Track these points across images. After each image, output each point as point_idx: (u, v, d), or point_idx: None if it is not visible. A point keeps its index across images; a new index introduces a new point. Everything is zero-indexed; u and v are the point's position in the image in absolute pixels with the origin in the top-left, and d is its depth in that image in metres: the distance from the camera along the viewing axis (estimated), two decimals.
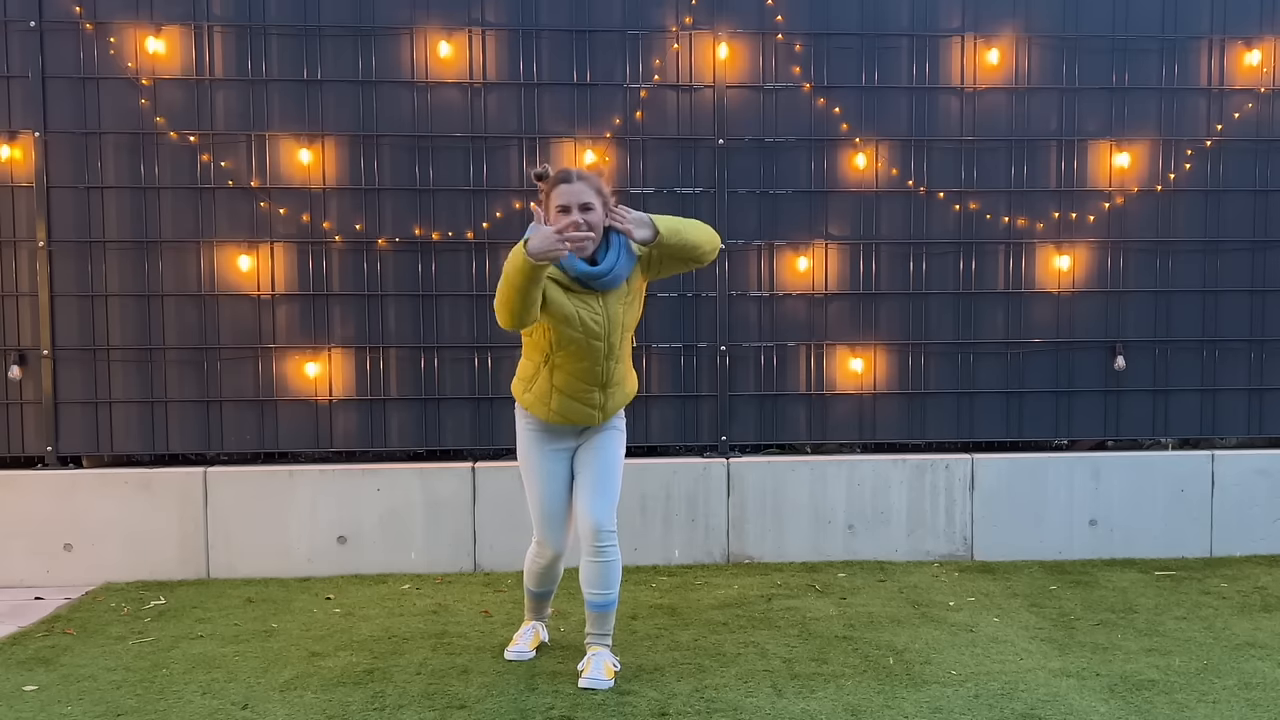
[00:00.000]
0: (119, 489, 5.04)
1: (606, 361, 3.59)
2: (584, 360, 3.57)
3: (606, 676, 3.66)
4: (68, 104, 5.04)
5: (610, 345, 3.58)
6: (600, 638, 3.77)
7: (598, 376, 3.61)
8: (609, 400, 3.68)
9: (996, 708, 3.47)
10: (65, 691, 3.67)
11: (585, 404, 3.63)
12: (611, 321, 3.56)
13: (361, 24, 5.11)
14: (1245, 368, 5.45)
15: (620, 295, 3.58)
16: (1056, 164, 5.36)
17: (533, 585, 3.95)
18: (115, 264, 5.10)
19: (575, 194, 3.46)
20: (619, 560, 3.71)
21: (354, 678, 3.76)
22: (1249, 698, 3.55)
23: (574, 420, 3.67)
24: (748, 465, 5.24)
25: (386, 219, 5.17)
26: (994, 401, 5.39)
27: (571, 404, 3.63)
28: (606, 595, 3.70)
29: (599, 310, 3.53)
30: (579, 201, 3.46)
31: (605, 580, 3.68)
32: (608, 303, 3.55)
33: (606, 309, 3.54)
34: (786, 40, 5.24)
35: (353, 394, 5.19)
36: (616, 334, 3.59)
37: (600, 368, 3.59)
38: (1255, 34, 5.36)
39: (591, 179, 3.52)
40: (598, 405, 3.65)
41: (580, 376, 3.60)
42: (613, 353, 3.60)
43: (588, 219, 3.45)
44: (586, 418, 3.66)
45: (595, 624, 3.77)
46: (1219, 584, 4.87)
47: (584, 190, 3.47)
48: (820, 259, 5.32)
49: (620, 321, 3.59)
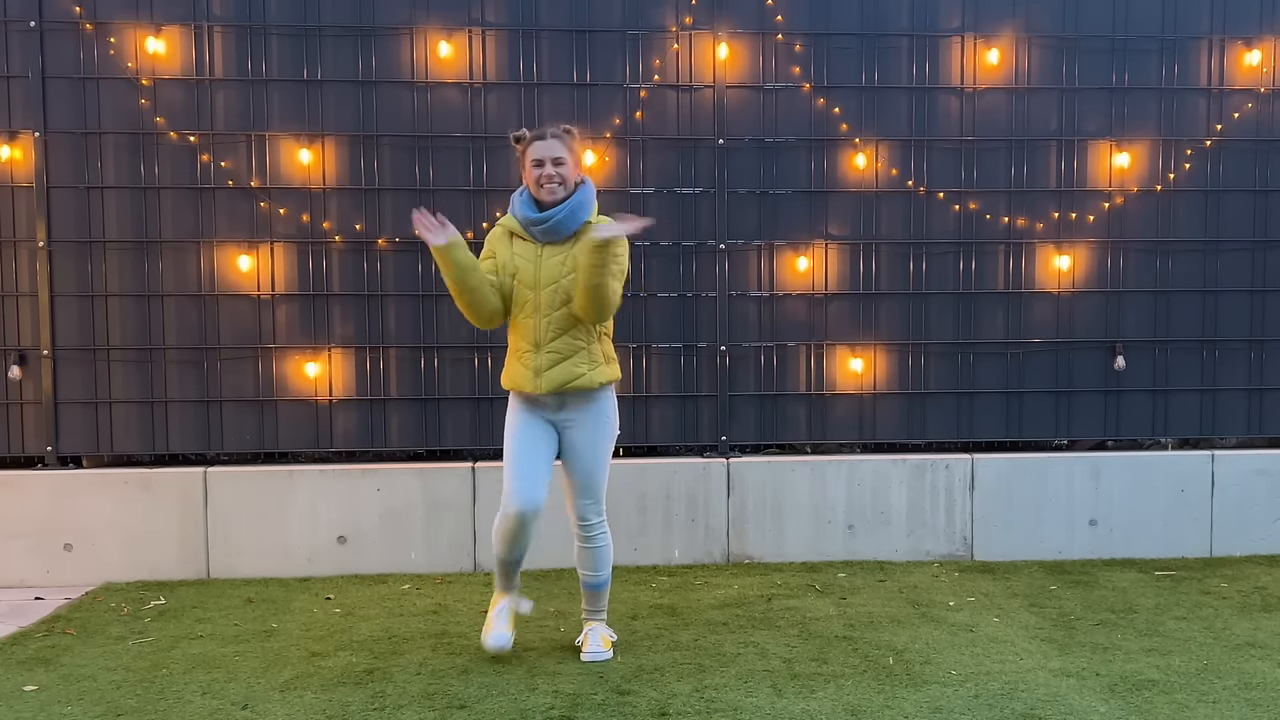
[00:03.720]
0: (119, 489, 5.04)
1: (536, 315, 3.73)
2: (519, 313, 3.78)
3: (604, 648, 3.94)
4: (68, 104, 5.05)
5: (539, 300, 3.72)
6: (595, 613, 4.03)
7: (529, 331, 3.75)
8: (544, 365, 3.74)
9: (996, 708, 3.47)
10: (65, 691, 3.67)
11: (522, 364, 3.79)
12: (542, 274, 3.72)
13: (361, 24, 5.11)
14: (1245, 368, 5.45)
15: (558, 254, 3.74)
16: (1056, 164, 5.36)
17: (501, 550, 3.88)
18: (115, 264, 5.10)
19: (548, 149, 3.73)
20: (608, 544, 3.95)
21: (354, 678, 3.76)
22: (1249, 698, 3.55)
23: (515, 382, 3.81)
24: (748, 465, 5.24)
25: (386, 219, 5.17)
26: (994, 401, 5.39)
27: (514, 364, 3.82)
28: (598, 576, 3.95)
29: (532, 260, 3.76)
30: (551, 155, 3.72)
31: (596, 563, 3.93)
32: (543, 255, 3.75)
33: (540, 261, 3.75)
34: (786, 40, 5.24)
35: (353, 394, 5.19)
36: (546, 290, 3.72)
37: (530, 321, 3.74)
38: (1255, 34, 5.36)
39: (565, 138, 3.76)
40: (531, 366, 3.76)
41: (519, 333, 3.80)
42: (540, 308, 3.73)
43: (559, 171, 3.71)
44: (524, 380, 3.78)
45: (590, 601, 4.03)
46: (1219, 584, 4.87)
47: (556, 145, 3.73)
48: (820, 259, 5.32)
49: (553, 279, 3.72)
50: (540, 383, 3.75)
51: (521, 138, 3.81)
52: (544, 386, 3.75)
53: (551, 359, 3.75)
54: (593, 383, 3.77)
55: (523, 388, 3.79)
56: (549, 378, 3.75)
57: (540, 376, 3.75)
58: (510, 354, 3.84)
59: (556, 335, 3.74)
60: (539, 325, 3.74)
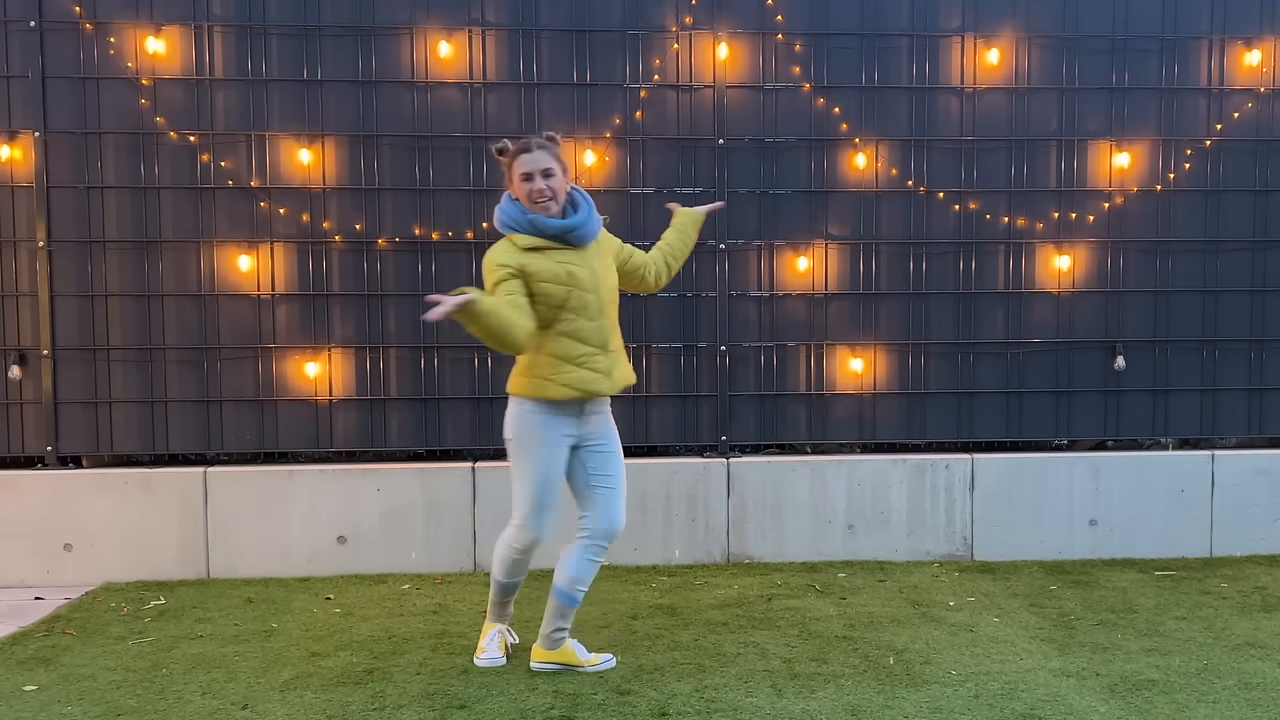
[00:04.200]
0: (119, 489, 5.04)
1: (600, 317, 3.67)
2: (580, 318, 3.64)
3: None
4: (68, 104, 5.04)
5: (601, 301, 3.67)
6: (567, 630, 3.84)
7: (595, 334, 3.66)
8: (615, 366, 3.72)
9: (996, 707, 3.47)
10: (65, 691, 3.67)
11: (591, 369, 3.66)
12: (597, 275, 3.67)
13: (361, 24, 5.11)
14: (1245, 368, 5.45)
15: (598, 253, 3.71)
16: (1056, 164, 5.36)
17: (502, 575, 3.86)
18: (115, 264, 5.10)
19: (536, 161, 3.63)
20: None
21: (354, 678, 3.76)
22: (1249, 698, 3.55)
23: (585, 388, 3.65)
24: (748, 465, 5.24)
25: (386, 219, 5.17)
26: (994, 401, 5.39)
27: (578, 372, 3.65)
28: (583, 592, 3.78)
29: (582, 264, 3.65)
30: (540, 168, 3.62)
31: (589, 578, 3.78)
32: (588, 258, 3.68)
33: (589, 263, 3.67)
34: (786, 40, 5.24)
35: (353, 394, 5.19)
36: (604, 291, 3.69)
37: (595, 324, 3.66)
38: (1255, 34, 5.36)
39: (550, 147, 3.67)
40: (604, 370, 3.69)
41: (580, 338, 3.65)
42: (604, 310, 3.68)
43: (549, 184, 3.62)
44: (598, 384, 3.67)
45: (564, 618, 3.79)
46: (1219, 584, 4.87)
47: (544, 157, 3.63)
48: (820, 259, 5.32)
49: (604, 280, 3.69)
50: (612, 383, 3.72)
51: (505, 150, 3.69)
52: (615, 387, 3.73)
53: (614, 359, 3.73)
54: (629, 379, 3.81)
55: (597, 391, 3.67)
56: (617, 378, 3.73)
57: (610, 377, 3.71)
58: (561, 361, 3.63)
59: (614, 335, 3.75)
60: (603, 327, 3.69)
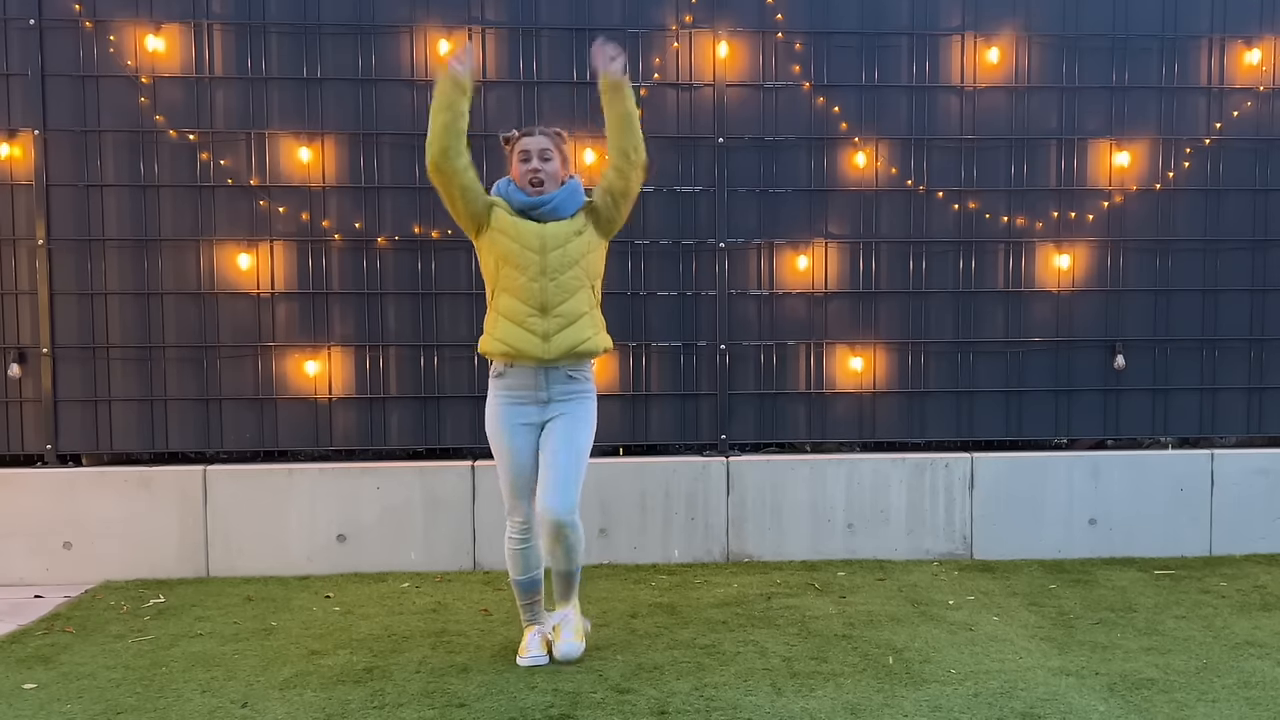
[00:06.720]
0: (118, 487, 5.04)
1: (542, 278, 3.67)
2: (520, 275, 3.68)
3: (577, 640, 3.87)
4: (67, 102, 5.04)
5: (545, 263, 3.68)
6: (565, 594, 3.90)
7: (534, 295, 3.68)
8: (553, 330, 3.68)
9: (996, 706, 3.47)
10: (65, 690, 3.67)
11: (527, 329, 3.68)
12: (548, 238, 3.69)
13: (361, 22, 5.10)
14: (1245, 367, 5.45)
15: (565, 227, 3.73)
16: (1056, 163, 5.36)
17: (516, 572, 3.87)
18: (115, 262, 5.10)
19: (536, 143, 3.75)
20: (581, 539, 3.80)
21: (353, 676, 3.76)
22: (1248, 697, 3.55)
23: (513, 345, 3.68)
24: (747, 464, 5.24)
25: (386, 217, 5.17)
26: (994, 400, 5.39)
27: (513, 329, 3.69)
28: (569, 567, 3.82)
29: (536, 228, 3.71)
30: (539, 148, 3.74)
31: (568, 558, 3.80)
32: (548, 224, 3.72)
33: (545, 227, 3.71)
34: (786, 39, 5.24)
35: (352, 392, 5.19)
36: (554, 254, 3.69)
37: (536, 284, 3.67)
38: (1255, 33, 5.36)
39: (551, 134, 3.79)
40: (539, 332, 3.68)
41: (518, 295, 3.69)
42: (547, 271, 3.68)
43: (545, 167, 3.73)
44: (530, 344, 3.68)
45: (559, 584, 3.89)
46: (1218, 583, 4.87)
47: (544, 140, 3.76)
48: (820, 258, 5.32)
49: (561, 245, 3.70)
50: (549, 348, 3.68)
51: (510, 137, 3.82)
52: (553, 352, 3.68)
53: (559, 323, 3.69)
54: (597, 347, 3.77)
55: (526, 351, 3.67)
56: (558, 343, 3.69)
57: (549, 341, 3.69)
58: (502, 319, 3.71)
59: (564, 299, 3.70)
60: (546, 288, 3.68)
